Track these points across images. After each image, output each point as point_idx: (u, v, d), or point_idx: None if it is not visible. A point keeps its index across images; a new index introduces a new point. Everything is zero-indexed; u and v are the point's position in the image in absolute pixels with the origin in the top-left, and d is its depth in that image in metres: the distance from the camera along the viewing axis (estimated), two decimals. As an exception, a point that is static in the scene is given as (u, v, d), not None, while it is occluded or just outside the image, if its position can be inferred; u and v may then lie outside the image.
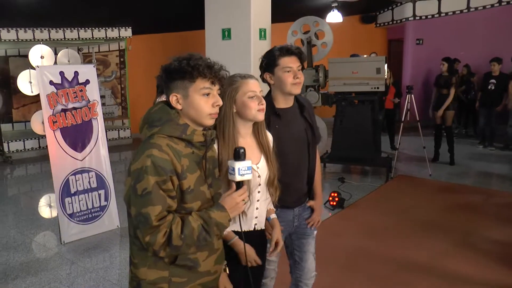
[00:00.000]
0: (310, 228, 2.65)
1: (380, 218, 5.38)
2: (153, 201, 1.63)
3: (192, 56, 1.73)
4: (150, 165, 1.63)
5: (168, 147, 1.68)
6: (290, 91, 2.43)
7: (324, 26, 7.64)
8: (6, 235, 5.01)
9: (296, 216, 2.59)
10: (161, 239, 1.64)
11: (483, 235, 4.80)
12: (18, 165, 8.61)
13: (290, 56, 2.42)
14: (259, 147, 2.21)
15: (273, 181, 2.21)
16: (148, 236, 1.64)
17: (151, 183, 1.63)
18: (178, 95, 1.74)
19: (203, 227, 1.69)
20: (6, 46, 9.91)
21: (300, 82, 2.42)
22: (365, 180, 7.08)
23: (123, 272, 4.08)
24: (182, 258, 1.76)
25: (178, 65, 1.71)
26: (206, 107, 1.74)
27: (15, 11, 7.50)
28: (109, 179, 5.06)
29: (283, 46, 2.44)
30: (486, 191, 6.41)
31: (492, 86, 8.73)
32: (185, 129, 1.74)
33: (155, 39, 10.57)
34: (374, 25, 12.77)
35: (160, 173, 1.64)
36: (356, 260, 4.26)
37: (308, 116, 2.55)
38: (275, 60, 2.43)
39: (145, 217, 1.63)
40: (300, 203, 2.60)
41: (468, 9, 10.88)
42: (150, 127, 1.75)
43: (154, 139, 1.70)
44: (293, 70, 2.40)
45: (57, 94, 4.67)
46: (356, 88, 6.87)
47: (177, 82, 1.73)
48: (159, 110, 1.77)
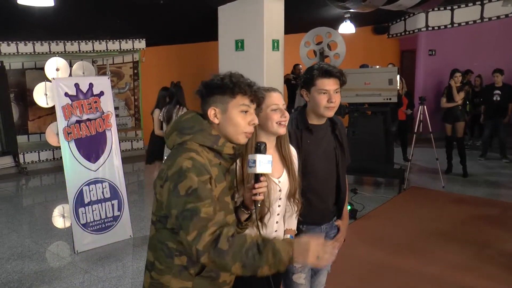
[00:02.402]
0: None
1: (393, 230, 5.35)
2: (201, 196, 1.59)
3: (233, 74, 1.76)
4: (191, 166, 1.62)
5: (202, 153, 1.70)
6: (322, 113, 2.39)
7: (336, 37, 7.67)
8: (21, 244, 5.07)
9: (323, 233, 2.55)
10: (207, 237, 1.55)
11: (499, 248, 4.73)
12: (33, 175, 8.71)
13: (329, 78, 2.35)
14: (281, 161, 2.20)
15: (294, 194, 2.19)
16: (194, 232, 1.56)
17: (195, 180, 1.61)
18: (217, 109, 1.75)
19: (257, 243, 1.57)
20: (23, 59, 10.08)
21: (334, 106, 2.36)
22: (377, 191, 7.04)
23: (135, 282, 4.10)
24: (208, 269, 1.75)
25: (221, 81, 1.73)
26: (243, 124, 1.76)
27: (32, 24, 7.64)
28: (122, 190, 5.10)
29: (322, 66, 2.38)
30: (500, 203, 6.33)
31: (498, 97, 8.64)
32: (217, 140, 1.75)
33: (168, 50, 10.67)
34: (387, 36, 12.76)
35: (203, 172, 1.63)
36: (368, 272, 4.23)
37: (339, 135, 2.51)
38: (312, 79, 2.37)
39: (192, 211, 1.58)
40: (328, 220, 2.57)
41: (482, 20, 10.81)
42: (180, 134, 1.75)
43: (188, 145, 1.71)
44: (329, 93, 2.34)
45: (72, 106, 4.74)
46: (368, 99, 6.86)
47: (217, 97, 1.75)
48: (192, 119, 1.78)
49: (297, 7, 8.16)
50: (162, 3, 7.01)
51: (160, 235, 1.78)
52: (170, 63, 10.42)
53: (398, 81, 6.83)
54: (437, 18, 11.47)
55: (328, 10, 9.01)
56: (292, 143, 2.33)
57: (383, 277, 4.12)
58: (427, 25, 11.63)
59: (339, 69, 2.41)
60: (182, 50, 10.59)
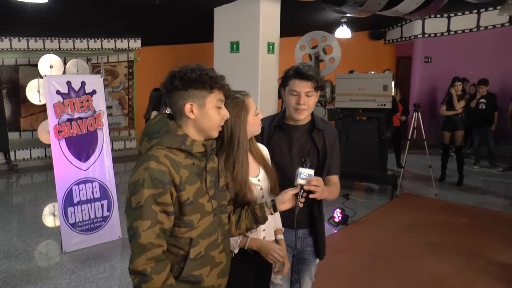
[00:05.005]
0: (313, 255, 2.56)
1: (385, 236, 5.32)
2: (143, 215, 1.63)
3: (202, 67, 1.74)
4: (147, 177, 1.63)
5: (166, 158, 1.67)
6: (291, 114, 2.38)
7: (332, 41, 7.66)
8: (9, 243, 5.00)
9: (300, 238, 2.50)
10: (139, 266, 1.63)
11: (490, 258, 4.72)
12: (24, 173, 8.63)
13: (301, 79, 2.31)
14: (255, 160, 2.20)
15: (274, 189, 2.19)
16: (132, 252, 1.65)
17: (145, 196, 1.62)
18: (194, 104, 1.72)
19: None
20: (17, 55, 10.00)
21: (303, 108, 2.33)
22: (370, 197, 7.02)
23: (123, 283, 4.05)
24: (185, 275, 1.75)
25: (198, 74, 1.70)
26: (218, 119, 1.77)
27: (26, 20, 7.58)
28: (112, 190, 5.06)
29: (297, 67, 2.34)
30: (492, 212, 6.32)
31: (483, 106, 8.69)
32: (184, 140, 1.73)
33: (163, 50, 10.63)
34: (383, 42, 12.78)
35: (157, 185, 1.63)
36: (358, 278, 4.20)
37: (317, 140, 2.42)
38: (286, 80, 2.37)
39: (134, 232, 1.64)
40: (303, 226, 2.49)
41: (478, 28, 10.85)
42: (149, 139, 1.75)
43: (152, 151, 1.70)
44: (299, 95, 2.31)
45: (64, 104, 4.68)
46: (362, 105, 6.84)
47: (195, 91, 1.72)
48: (158, 122, 1.77)
49: (294, 10, 8.15)
50: (158, 3, 6.97)
51: None
52: (165, 63, 10.31)
53: (393, 87, 6.83)
54: (433, 25, 11.50)
55: (324, 14, 9.01)
56: (263, 139, 2.38)
57: (372, 284, 4.09)
58: (424, 32, 11.65)
59: (316, 71, 2.36)
60: (177, 50, 10.56)
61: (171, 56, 10.39)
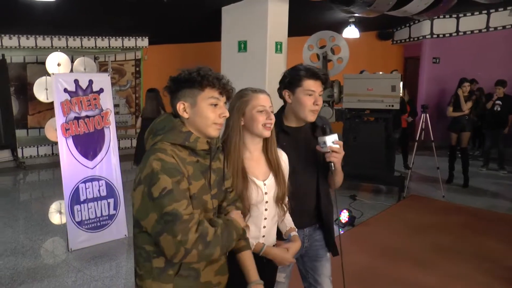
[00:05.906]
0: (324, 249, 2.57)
1: (391, 238, 5.29)
2: (176, 197, 1.62)
3: (201, 68, 1.76)
4: (160, 168, 1.63)
5: (172, 152, 1.69)
6: (305, 117, 2.33)
7: (340, 41, 7.62)
8: (15, 240, 5.01)
9: (307, 236, 2.49)
10: (193, 234, 1.62)
11: (498, 261, 4.66)
12: (31, 170, 8.67)
13: (316, 80, 2.30)
14: (267, 164, 2.16)
15: (282, 198, 2.16)
16: (179, 234, 1.60)
17: (169, 181, 1.62)
18: (185, 103, 1.75)
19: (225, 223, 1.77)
20: (25, 53, 10.05)
21: (318, 109, 2.33)
22: (377, 198, 6.98)
23: (128, 282, 4.05)
24: (185, 268, 1.75)
25: (188, 74, 1.73)
26: (213, 116, 1.76)
27: (35, 18, 7.60)
28: (118, 188, 5.05)
29: (310, 68, 2.32)
30: (500, 216, 6.26)
31: (498, 108, 8.56)
32: (188, 137, 1.75)
33: (171, 49, 10.64)
34: (391, 42, 12.71)
35: (173, 173, 1.64)
36: (364, 280, 4.17)
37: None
38: (299, 80, 2.31)
39: (173, 214, 1.60)
40: (310, 224, 2.50)
41: (487, 29, 10.75)
42: (154, 136, 1.77)
43: (157, 145, 1.71)
44: (315, 95, 2.30)
45: (71, 102, 4.69)
46: (370, 105, 6.80)
47: (186, 91, 1.75)
48: (163, 120, 1.80)
49: (302, 10, 8.12)
50: (166, 1, 6.96)
51: (137, 240, 1.79)
52: (172, 62, 10.33)
53: (401, 88, 6.78)
54: (442, 26, 11.41)
55: (332, 14, 8.97)
56: None
57: (378, 285, 4.06)
58: (432, 33, 11.57)
59: (325, 72, 2.39)
60: (185, 49, 10.56)
61: (179, 55, 10.40)
